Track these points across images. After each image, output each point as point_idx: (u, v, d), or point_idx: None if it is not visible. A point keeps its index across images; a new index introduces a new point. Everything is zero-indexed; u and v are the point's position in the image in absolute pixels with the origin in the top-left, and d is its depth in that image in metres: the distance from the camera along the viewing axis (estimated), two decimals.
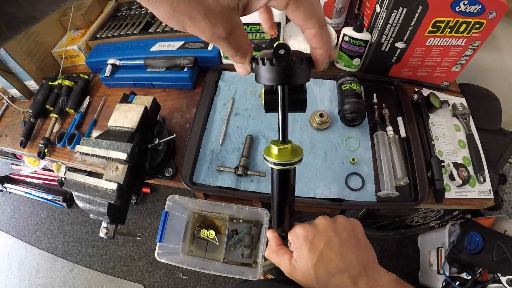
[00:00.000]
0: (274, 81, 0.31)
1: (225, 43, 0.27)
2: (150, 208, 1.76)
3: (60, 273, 1.66)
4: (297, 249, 0.40)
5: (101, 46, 0.98)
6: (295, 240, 0.41)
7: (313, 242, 0.39)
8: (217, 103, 0.83)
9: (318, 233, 0.40)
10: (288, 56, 0.30)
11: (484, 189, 0.78)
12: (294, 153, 0.36)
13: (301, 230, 0.41)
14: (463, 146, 0.83)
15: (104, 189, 0.59)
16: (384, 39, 0.78)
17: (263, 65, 0.30)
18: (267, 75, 0.31)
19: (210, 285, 1.50)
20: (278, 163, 0.35)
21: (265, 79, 0.31)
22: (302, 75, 0.32)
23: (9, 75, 0.95)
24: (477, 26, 0.72)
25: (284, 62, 0.30)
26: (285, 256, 0.42)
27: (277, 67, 0.30)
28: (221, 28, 0.25)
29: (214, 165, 0.73)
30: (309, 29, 0.29)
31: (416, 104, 0.84)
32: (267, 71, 0.31)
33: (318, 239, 0.39)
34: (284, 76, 0.31)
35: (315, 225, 0.41)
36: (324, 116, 0.76)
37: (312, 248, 0.39)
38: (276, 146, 0.35)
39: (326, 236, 0.39)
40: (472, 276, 1.10)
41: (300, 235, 0.40)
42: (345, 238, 0.40)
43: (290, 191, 0.40)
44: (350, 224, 0.42)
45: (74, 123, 0.89)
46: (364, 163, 0.74)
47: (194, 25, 0.24)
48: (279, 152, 0.35)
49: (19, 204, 1.90)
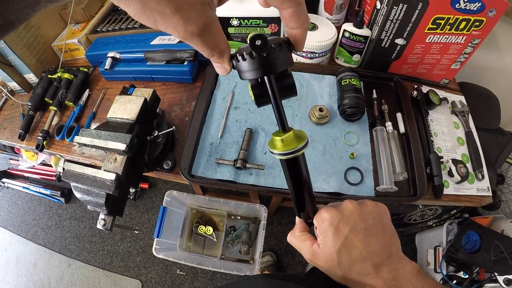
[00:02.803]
0: (258, 73, 0.31)
1: (199, 40, 0.26)
2: (148, 203, 1.75)
3: (58, 268, 1.65)
4: (322, 234, 0.40)
5: (101, 40, 0.98)
6: (320, 224, 0.40)
7: (338, 227, 0.38)
8: (216, 96, 0.83)
9: (344, 218, 0.39)
10: (267, 45, 0.29)
11: (483, 186, 0.79)
12: (298, 139, 0.35)
13: (326, 214, 0.40)
14: (462, 143, 0.84)
15: (103, 179, 0.59)
16: (384, 35, 0.78)
17: (243, 61, 0.30)
18: (249, 69, 0.31)
19: (207, 281, 1.49)
20: (285, 153, 0.35)
21: (249, 74, 0.31)
22: (284, 60, 0.31)
23: (9, 68, 0.94)
24: (477, 24, 0.73)
25: (263, 52, 0.29)
26: (307, 241, 0.42)
27: (258, 59, 0.29)
28: (194, 24, 0.24)
29: (213, 158, 0.73)
30: (285, 9, 0.28)
31: (415, 100, 0.84)
32: (249, 66, 0.30)
33: (344, 224, 0.38)
34: (267, 66, 0.30)
35: (341, 210, 0.40)
36: (323, 110, 0.76)
37: (336, 233, 0.38)
38: (279, 137, 0.35)
39: (351, 222, 0.39)
40: (469, 275, 1.10)
41: (325, 220, 0.40)
42: (370, 224, 0.39)
43: (304, 176, 0.39)
44: (378, 210, 0.41)
45: (73, 116, 0.89)
46: (363, 158, 0.75)
47: (166, 22, 0.23)
48: (283, 142, 0.35)
49: (16, 199, 1.90)
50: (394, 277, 0.36)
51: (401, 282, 0.36)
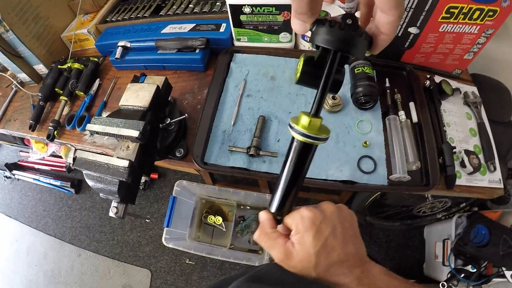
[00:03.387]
0: (333, 44, 0.31)
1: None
2: (157, 193, 1.76)
3: (68, 258, 1.68)
4: (299, 233, 0.38)
5: (111, 30, 0.98)
6: (299, 222, 0.38)
7: (320, 227, 0.37)
8: (229, 84, 0.83)
9: (325, 219, 0.38)
10: (358, 27, 0.30)
11: (495, 178, 0.78)
12: (322, 129, 0.35)
13: (308, 213, 0.38)
14: (474, 134, 0.83)
15: (116, 166, 0.59)
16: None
17: (330, 27, 0.30)
18: (328, 37, 0.31)
19: (216, 271, 1.51)
20: (305, 134, 0.33)
21: (325, 41, 0.31)
22: (360, 49, 0.32)
23: (18, 60, 0.95)
24: (491, 13, 0.71)
25: (353, 30, 0.30)
26: (279, 240, 0.39)
27: (343, 32, 0.30)
28: None
29: (225, 146, 0.73)
30: (388, 16, 0.29)
31: (428, 90, 0.83)
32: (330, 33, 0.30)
33: (325, 225, 0.38)
34: (346, 43, 0.31)
35: (322, 210, 0.39)
36: (336, 98, 0.76)
37: (317, 234, 0.37)
38: (308, 117, 0.34)
39: (332, 223, 0.38)
40: (477, 269, 1.09)
41: (306, 218, 0.38)
42: (347, 227, 0.39)
43: (305, 170, 0.38)
44: (351, 215, 0.41)
45: (84, 105, 0.89)
46: (376, 146, 0.74)
47: None
48: (310, 124, 0.34)
49: (27, 190, 1.92)
50: (365, 276, 0.37)
51: (372, 279, 0.37)
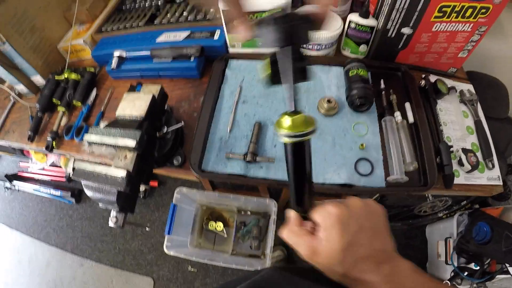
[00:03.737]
0: (282, 42, 0.33)
1: None
2: (158, 201, 1.76)
3: (70, 268, 1.68)
4: (326, 229, 0.37)
5: (107, 39, 0.98)
6: (325, 218, 0.38)
7: (347, 223, 0.37)
8: (224, 91, 0.83)
9: (352, 215, 0.38)
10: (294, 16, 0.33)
11: (493, 175, 0.78)
12: (307, 123, 0.34)
13: (334, 209, 0.38)
14: (471, 132, 0.83)
15: (113, 176, 0.60)
16: (390, 24, 0.78)
17: (269, 26, 0.33)
18: (274, 37, 0.33)
19: (218, 277, 1.50)
20: (292, 135, 0.33)
21: (273, 42, 0.33)
22: (307, 34, 0.35)
23: (16, 71, 0.95)
24: (483, 11, 0.71)
25: (290, 22, 0.33)
26: (306, 236, 0.39)
27: (284, 27, 0.33)
28: None
29: (222, 153, 0.73)
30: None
31: (423, 90, 0.83)
32: (274, 33, 0.33)
33: (352, 221, 0.37)
34: (291, 36, 0.33)
35: (349, 206, 0.39)
36: (332, 102, 0.76)
37: (344, 230, 0.36)
38: (289, 116, 0.34)
39: (359, 219, 0.38)
40: (481, 267, 1.09)
41: (332, 214, 0.37)
42: (375, 222, 0.39)
43: (307, 165, 0.38)
44: (378, 210, 0.41)
45: (82, 115, 0.90)
46: (373, 148, 0.74)
47: None
48: (292, 123, 0.33)
49: (27, 201, 1.92)
50: (393, 273, 0.37)
51: (399, 277, 0.37)
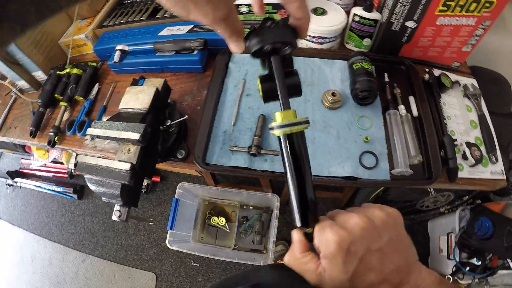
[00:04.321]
0: (265, 41, 0.34)
1: (225, 24, 0.32)
2: (160, 196, 1.77)
3: (73, 264, 1.68)
4: (326, 258, 0.33)
5: (109, 34, 0.98)
6: (324, 247, 0.33)
7: (349, 251, 0.31)
8: (228, 84, 0.83)
9: (355, 240, 0.32)
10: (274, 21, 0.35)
11: (497, 170, 0.78)
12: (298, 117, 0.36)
13: (332, 236, 0.32)
14: (475, 126, 0.83)
15: (117, 169, 0.59)
16: (395, 18, 0.77)
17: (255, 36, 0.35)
18: (258, 39, 0.35)
19: (221, 272, 1.50)
20: (282, 125, 0.34)
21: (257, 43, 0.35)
22: (289, 35, 0.36)
23: (17, 67, 0.95)
24: (487, 5, 0.71)
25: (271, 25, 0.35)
26: (310, 264, 0.34)
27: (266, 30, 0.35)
28: (221, 11, 0.30)
29: (226, 146, 0.73)
30: (292, 3, 0.34)
31: (427, 84, 0.83)
32: (258, 37, 0.35)
33: (356, 247, 0.32)
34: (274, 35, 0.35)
35: (350, 228, 0.32)
36: (336, 95, 0.76)
37: (347, 259, 0.31)
38: (280, 112, 0.36)
39: (365, 243, 0.32)
40: (482, 262, 1.10)
41: (331, 242, 0.32)
42: (386, 241, 0.33)
43: (304, 163, 0.35)
44: (391, 220, 0.34)
45: (84, 110, 0.89)
46: (377, 141, 0.74)
47: (198, 10, 0.28)
48: (283, 115, 0.35)
49: (29, 198, 1.93)
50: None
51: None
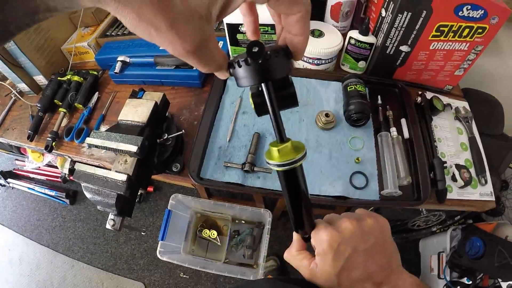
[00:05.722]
0: (254, 80, 0.30)
1: (195, 58, 0.24)
2: (153, 206, 1.77)
3: (61, 269, 1.66)
4: (319, 255, 0.38)
5: (111, 44, 1.00)
6: (318, 245, 0.39)
7: (338, 249, 0.37)
8: (225, 101, 0.84)
9: (344, 240, 0.37)
10: (263, 52, 0.28)
11: (486, 191, 0.79)
12: (296, 150, 0.34)
13: (325, 236, 0.38)
14: (465, 148, 0.84)
15: (114, 180, 0.60)
16: (389, 42, 0.79)
17: (239, 68, 0.30)
18: (245, 76, 0.30)
19: (210, 285, 1.50)
20: (281, 164, 0.34)
21: (246, 81, 0.30)
22: (282, 67, 0.31)
23: (19, 69, 0.96)
24: (480, 31, 0.73)
25: (259, 59, 0.29)
26: (304, 261, 0.41)
27: (254, 65, 0.29)
28: (189, 42, 0.22)
29: (221, 161, 0.74)
30: (294, 14, 0.28)
31: (419, 106, 0.85)
32: (245, 72, 0.30)
33: (344, 246, 0.37)
34: (263, 73, 0.30)
35: (341, 230, 0.38)
36: (329, 116, 0.78)
37: (336, 256, 0.37)
38: (276, 147, 0.34)
39: (352, 243, 0.37)
40: (473, 281, 1.10)
41: (324, 241, 0.38)
42: (372, 244, 0.38)
43: (302, 189, 0.38)
44: (379, 227, 0.40)
45: (83, 118, 0.90)
46: (368, 162, 0.76)
47: (160, 37, 0.21)
48: (280, 152, 0.34)
49: (21, 199, 1.91)
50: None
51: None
